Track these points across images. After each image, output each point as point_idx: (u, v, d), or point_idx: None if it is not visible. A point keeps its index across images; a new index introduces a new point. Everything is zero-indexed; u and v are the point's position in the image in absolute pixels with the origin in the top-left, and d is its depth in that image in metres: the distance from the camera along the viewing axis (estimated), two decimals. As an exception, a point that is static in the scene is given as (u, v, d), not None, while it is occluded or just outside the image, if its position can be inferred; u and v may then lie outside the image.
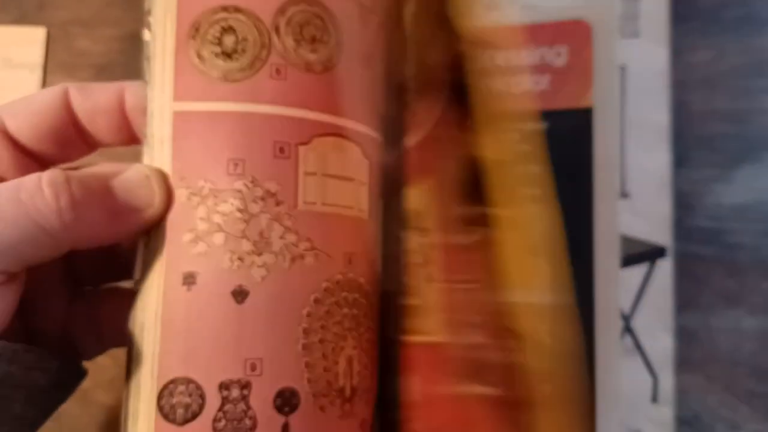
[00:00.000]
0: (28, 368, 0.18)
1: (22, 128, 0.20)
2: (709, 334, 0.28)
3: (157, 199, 0.18)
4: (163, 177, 0.18)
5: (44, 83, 0.32)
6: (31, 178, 0.17)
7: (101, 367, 0.28)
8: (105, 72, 0.32)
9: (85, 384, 0.30)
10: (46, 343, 0.19)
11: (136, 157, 0.19)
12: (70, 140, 0.21)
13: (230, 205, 0.18)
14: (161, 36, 0.18)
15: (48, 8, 0.32)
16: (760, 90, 0.29)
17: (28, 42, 0.31)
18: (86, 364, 0.26)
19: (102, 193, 0.18)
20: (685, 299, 0.28)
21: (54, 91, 0.20)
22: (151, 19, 0.19)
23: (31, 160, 0.21)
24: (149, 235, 0.18)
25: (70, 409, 0.30)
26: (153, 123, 0.18)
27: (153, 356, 0.18)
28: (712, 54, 0.30)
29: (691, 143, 0.29)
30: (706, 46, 0.30)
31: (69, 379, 0.21)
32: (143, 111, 0.19)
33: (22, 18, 0.32)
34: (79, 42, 0.32)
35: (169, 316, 0.18)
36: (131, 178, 0.18)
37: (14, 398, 0.18)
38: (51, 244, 0.17)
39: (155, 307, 0.18)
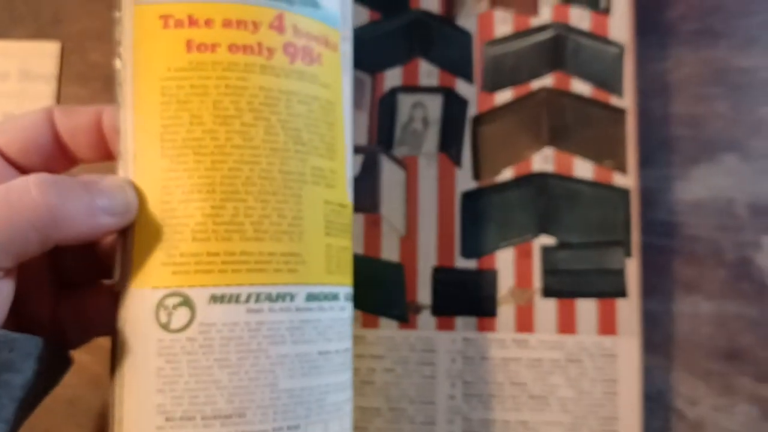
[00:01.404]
0: (26, 355, 0.20)
1: (10, 144, 0.22)
2: (671, 318, 0.31)
3: (131, 206, 0.20)
4: (136, 187, 0.21)
5: (59, 93, 0.34)
6: (18, 181, 0.19)
7: (114, 354, 0.30)
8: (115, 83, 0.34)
9: (98, 370, 0.32)
10: (35, 335, 0.21)
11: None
12: (54, 156, 0.23)
13: None
14: (130, 64, 0.21)
15: (63, 23, 0.35)
16: (714, 97, 0.32)
17: (44, 55, 0.34)
18: (100, 351, 0.28)
19: (84, 195, 0.20)
20: (649, 286, 0.30)
21: (40, 112, 0.23)
22: (121, 49, 0.21)
23: (19, 172, 0.23)
24: (125, 238, 0.21)
25: (83, 394, 0.32)
26: (125, 141, 0.21)
27: None
28: (670, 64, 0.33)
29: (654, 145, 0.32)
30: (664, 57, 0.33)
31: (59, 367, 0.23)
32: (117, 130, 0.21)
33: (38, 33, 0.35)
34: (91, 55, 0.35)
35: None
36: (109, 185, 0.20)
37: (14, 383, 0.20)
38: (39, 240, 0.19)
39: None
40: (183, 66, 0.21)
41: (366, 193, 0.31)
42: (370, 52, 0.32)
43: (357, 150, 0.31)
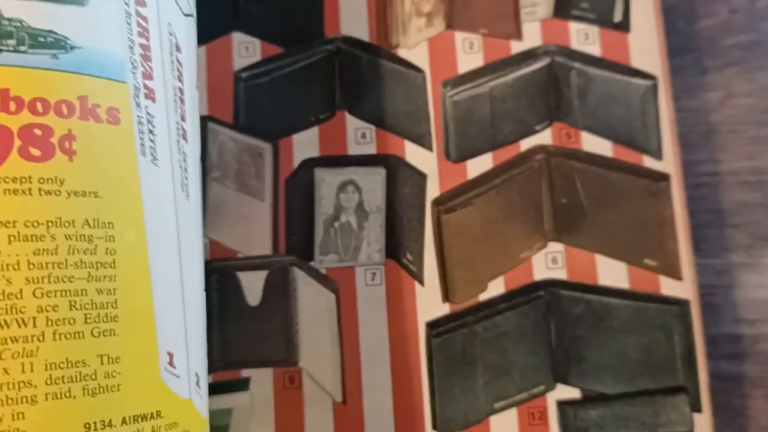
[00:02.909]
0: None
1: None
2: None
3: None
4: None
5: None
6: None
7: None
8: None
9: None
10: None
11: None
12: None
13: None
14: None
15: None
16: (788, 144, 0.22)
17: None
18: None
19: None
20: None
21: None
22: None
23: None
24: None
25: None
26: None
27: None
28: (714, 97, 0.22)
29: (706, 221, 0.21)
30: (706, 87, 0.22)
31: None
32: None
33: None
34: None
35: None
36: None
37: None
38: None
39: None
40: None
41: (274, 336, 0.19)
42: (268, 108, 0.20)
43: (253, 266, 0.20)
